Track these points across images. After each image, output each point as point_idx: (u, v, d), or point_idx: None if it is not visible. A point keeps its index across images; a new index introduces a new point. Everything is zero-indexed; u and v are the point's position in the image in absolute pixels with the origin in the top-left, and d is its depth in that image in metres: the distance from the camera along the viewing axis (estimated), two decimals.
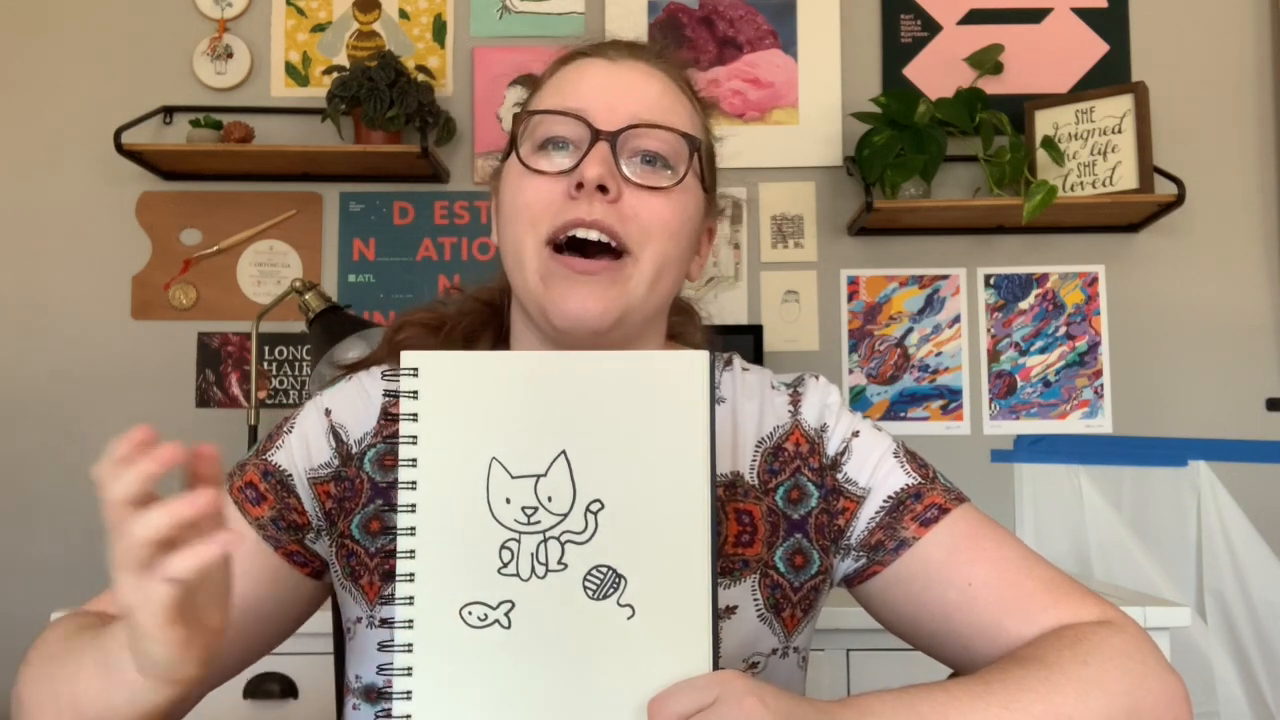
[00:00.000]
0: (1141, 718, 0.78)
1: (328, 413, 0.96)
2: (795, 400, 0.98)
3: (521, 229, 0.91)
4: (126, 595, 0.67)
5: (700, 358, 0.73)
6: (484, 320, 1.04)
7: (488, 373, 0.72)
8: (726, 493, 0.93)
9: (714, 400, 0.73)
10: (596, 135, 0.89)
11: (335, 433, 0.95)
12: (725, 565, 0.91)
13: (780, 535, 0.93)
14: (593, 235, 0.88)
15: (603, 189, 0.88)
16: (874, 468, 0.95)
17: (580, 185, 0.88)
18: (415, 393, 0.71)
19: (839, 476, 0.95)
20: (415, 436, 0.70)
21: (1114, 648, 0.81)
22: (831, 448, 0.96)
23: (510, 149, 0.94)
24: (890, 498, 0.93)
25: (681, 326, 1.05)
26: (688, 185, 0.92)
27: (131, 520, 0.64)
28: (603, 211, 0.88)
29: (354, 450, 0.95)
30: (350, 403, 0.97)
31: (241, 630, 0.91)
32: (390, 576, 0.82)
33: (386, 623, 0.71)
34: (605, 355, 0.75)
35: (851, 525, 0.94)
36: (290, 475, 0.94)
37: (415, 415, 0.70)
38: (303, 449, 0.95)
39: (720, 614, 0.86)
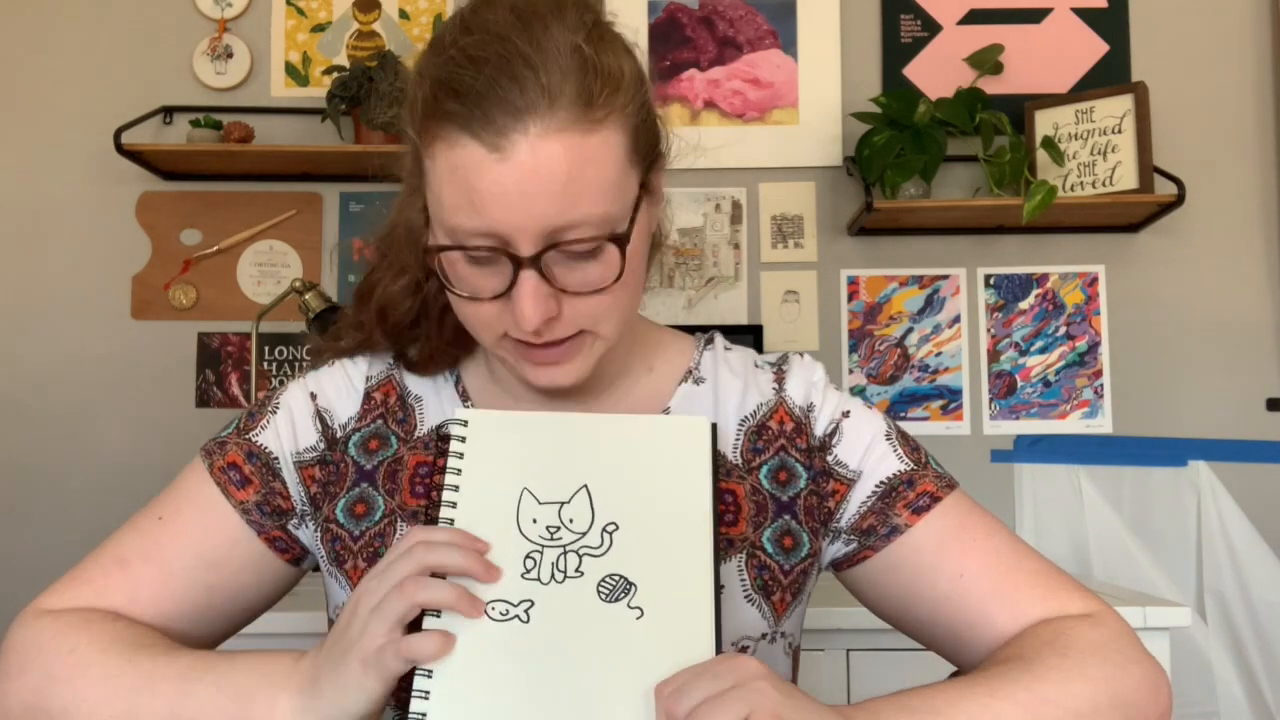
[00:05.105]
0: (1124, 702, 0.81)
1: (313, 396, 0.97)
2: (779, 378, 0.98)
3: (474, 329, 0.88)
4: (416, 648, 0.72)
5: (702, 425, 0.84)
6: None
7: (524, 427, 0.86)
8: None
9: (716, 457, 0.83)
10: (518, 263, 0.80)
11: (321, 416, 0.96)
12: None
13: (768, 516, 0.93)
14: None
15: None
16: (865, 450, 0.95)
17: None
18: (464, 438, 0.83)
19: (829, 459, 0.95)
20: (460, 469, 0.82)
21: (1092, 640, 0.83)
22: (820, 428, 0.96)
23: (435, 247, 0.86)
24: (883, 483, 0.94)
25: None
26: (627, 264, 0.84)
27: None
28: (549, 332, 0.84)
29: (339, 435, 0.96)
30: (335, 387, 0.98)
31: (224, 614, 0.93)
32: (375, 559, 0.88)
33: None
34: (622, 419, 0.89)
35: (842, 508, 0.95)
36: (276, 458, 0.94)
37: (461, 454, 0.83)
38: (289, 431, 0.95)
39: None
